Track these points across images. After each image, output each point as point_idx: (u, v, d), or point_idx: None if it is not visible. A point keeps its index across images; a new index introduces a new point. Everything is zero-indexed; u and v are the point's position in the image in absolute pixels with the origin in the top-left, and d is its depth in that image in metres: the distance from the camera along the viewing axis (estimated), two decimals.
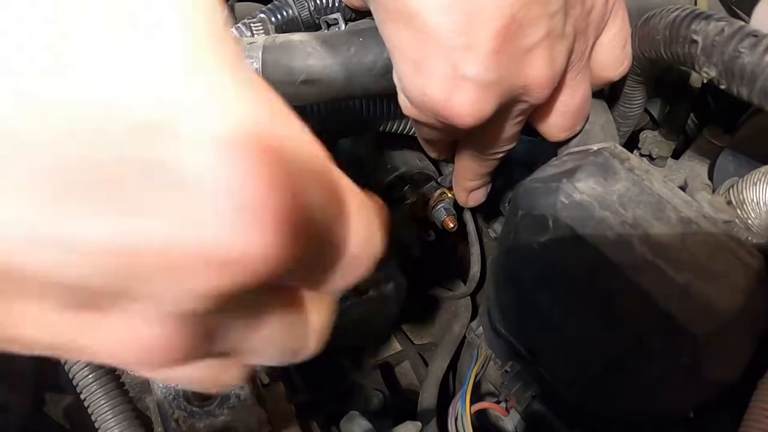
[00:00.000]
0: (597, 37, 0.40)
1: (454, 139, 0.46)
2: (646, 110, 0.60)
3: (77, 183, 0.13)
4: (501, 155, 0.45)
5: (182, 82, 0.14)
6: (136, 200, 0.13)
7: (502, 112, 0.38)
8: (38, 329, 0.15)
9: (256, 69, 0.46)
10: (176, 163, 0.13)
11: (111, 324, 0.15)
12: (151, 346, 0.16)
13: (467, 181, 0.50)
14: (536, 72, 0.35)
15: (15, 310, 0.15)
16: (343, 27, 0.57)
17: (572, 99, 0.41)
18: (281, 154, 0.15)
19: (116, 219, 0.13)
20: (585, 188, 0.38)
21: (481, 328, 0.57)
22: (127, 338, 0.16)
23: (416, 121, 0.40)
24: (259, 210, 0.14)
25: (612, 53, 0.41)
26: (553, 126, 0.43)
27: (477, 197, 0.52)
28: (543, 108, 0.41)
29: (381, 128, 0.57)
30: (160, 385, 0.39)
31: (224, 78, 0.15)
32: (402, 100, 0.39)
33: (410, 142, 0.60)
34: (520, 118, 0.40)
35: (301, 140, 0.17)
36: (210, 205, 0.14)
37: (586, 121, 0.45)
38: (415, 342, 0.73)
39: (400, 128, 0.57)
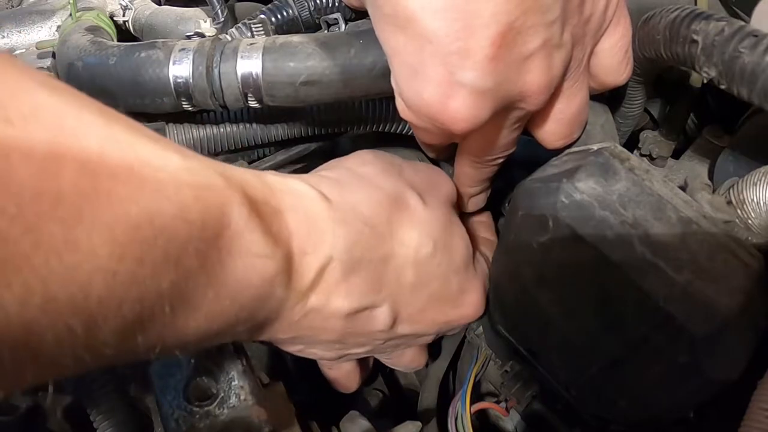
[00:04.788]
0: (594, 45, 0.40)
1: (452, 142, 0.46)
2: (646, 110, 0.60)
3: None
4: (499, 161, 0.45)
5: None
6: None
7: (498, 118, 0.38)
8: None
9: (257, 71, 0.46)
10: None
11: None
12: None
13: (467, 187, 0.50)
14: (533, 79, 0.35)
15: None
16: (343, 27, 0.57)
17: (569, 107, 0.41)
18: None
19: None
20: (585, 188, 0.38)
21: (481, 328, 0.57)
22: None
23: (413, 125, 0.40)
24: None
25: (614, 59, 0.41)
26: (550, 133, 0.43)
27: (477, 202, 0.53)
28: (540, 115, 0.41)
29: (381, 129, 0.57)
30: (160, 385, 0.39)
31: None
32: (399, 103, 0.39)
33: (410, 142, 0.60)
34: (517, 125, 0.41)
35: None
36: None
37: (584, 128, 0.45)
38: None
39: (400, 129, 0.57)
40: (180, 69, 0.47)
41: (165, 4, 0.74)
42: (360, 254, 0.39)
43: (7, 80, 0.24)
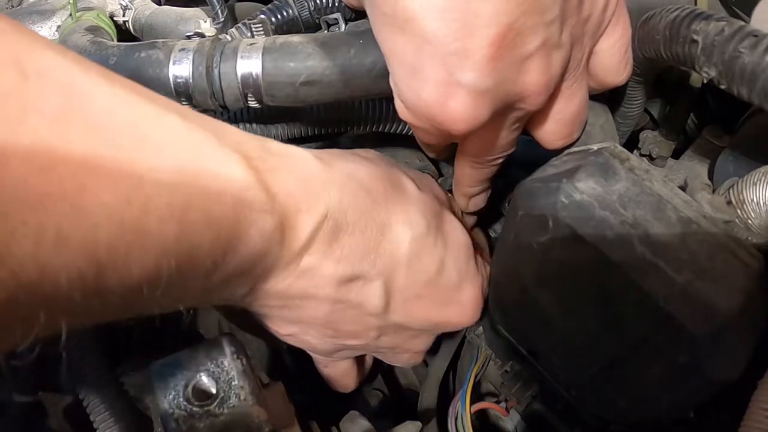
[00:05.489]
0: (593, 46, 0.40)
1: (452, 142, 0.46)
2: (646, 110, 0.60)
3: None
4: (499, 161, 0.46)
5: None
6: None
7: (497, 118, 0.38)
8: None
9: (257, 71, 0.46)
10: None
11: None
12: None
13: (467, 188, 0.50)
14: (532, 79, 0.35)
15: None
16: (343, 27, 0.57)
17: (568, 107, 0.41)
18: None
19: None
20: (585, 188, 0.38)
21: (481, 328, 0.57)
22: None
23: (413, 126, 0.40)
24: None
25: (614, 59, 0.41)
26: (550, 133, 0.43)
27: (477, 202, 0.53)
28: (539, 115, 0.41)
29: (381, 129, 0.57)
30: (160, 385, 0.39)
31: None
32: (398, 104, 0.39)
33: (410, 142, 0.60)
34: (516, 125, 0.41)
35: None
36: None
37: (584, 128, 0.45)
38: None
39: (400, 129, 0.57)
40: (180, 69, 0.47)
41: (165, 4, 0.74)
42: (355, 218, 0.39)
43: (22, 38, 0.25)
